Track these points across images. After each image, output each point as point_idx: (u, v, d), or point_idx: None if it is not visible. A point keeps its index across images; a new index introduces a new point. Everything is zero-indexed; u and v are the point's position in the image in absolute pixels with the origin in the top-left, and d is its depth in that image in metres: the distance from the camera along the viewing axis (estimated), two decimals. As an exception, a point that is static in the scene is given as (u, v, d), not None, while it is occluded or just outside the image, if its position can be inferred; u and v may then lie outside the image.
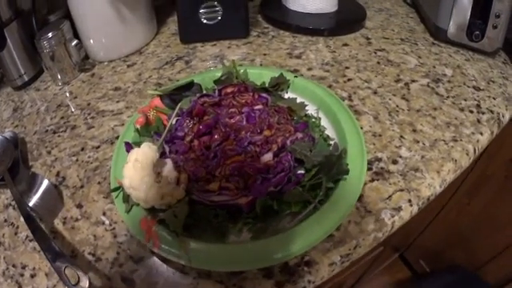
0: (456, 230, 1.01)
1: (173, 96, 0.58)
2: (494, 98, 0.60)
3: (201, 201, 0.43)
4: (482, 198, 0.89)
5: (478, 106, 0.58)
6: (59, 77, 0.77)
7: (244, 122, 0.48)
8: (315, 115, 0.53)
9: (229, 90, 0.54)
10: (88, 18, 0.76)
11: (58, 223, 0.51)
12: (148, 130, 0.54)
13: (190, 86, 0.59)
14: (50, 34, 0.73)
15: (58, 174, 0.57)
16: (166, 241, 0.41)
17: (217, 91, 0.55)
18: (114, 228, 0.49)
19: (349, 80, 0.63)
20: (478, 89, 0.61)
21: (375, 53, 0.70)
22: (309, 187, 0.43)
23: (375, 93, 0.60)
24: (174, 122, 0.52)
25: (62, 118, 0.68)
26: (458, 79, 0.63)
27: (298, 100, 0.55)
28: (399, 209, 0.45)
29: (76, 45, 0.76)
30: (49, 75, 0.79)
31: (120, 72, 0.75)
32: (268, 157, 0.44)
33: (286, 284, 0.40)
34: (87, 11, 0.75)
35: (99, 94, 0.70)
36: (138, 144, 0.52)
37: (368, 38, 0.74)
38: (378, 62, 0.67)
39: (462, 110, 0.57)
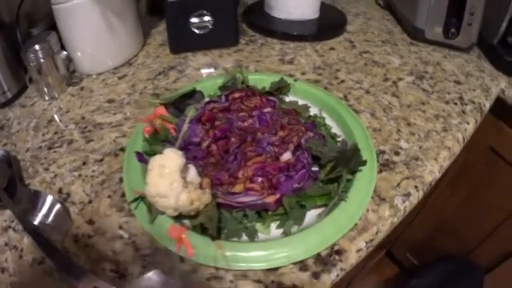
0: (442, 220, 1.06)
1: (177, 104, 0.59)
2: (474, 90, 0.66)
3: (228, 203, 0.44)
4: (465, 186, 0.94)
5: (461, 98, 0.64)
6: (46, 91, 0.75)
7: (257, 125, 0.51)
8: (319, 115, 0.56)
9: (236, 95, 0.56)
10: (75, 29, 0.75)
11: (68, 242, 0.49)
12: (156, 139, 0.55)
13: (192, 94, 0.60)
14: (36, 47, 0.71)
15: (60, 191, 0.55)
16: (201, 246, 0.42)
17: (223, 97, 0.56)
18: (134, 241, 0.48)
19: (342, 82, 0.67)
20: (458, 82, 0.67)
21: (361, 55, 0.74)
22: (326, 181, 0.46)
23: (368, 92, 0.64)
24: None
25: (56, 133, 0.66)
26: (440, 75, 0.69)
27: (300, 102, 0.58)
28: (408, 194, 0.49)
29: (66, 57, 0.75)
30: (34, 91, 0.77)
31: (111, 84, 0.75)
32: (287, 155, 0.47)
33: (322, 274, 0.42)
34: (74, 23, 0.74)
35: (93, 107, 0.70)
36: (149, 153, 0.53)
37: (351, 42, 0.79)
38: (365, 64, 0.72)
39: (447, 102, 0.63)
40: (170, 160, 0.45)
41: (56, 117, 0.70)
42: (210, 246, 0.42)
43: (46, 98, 0.75)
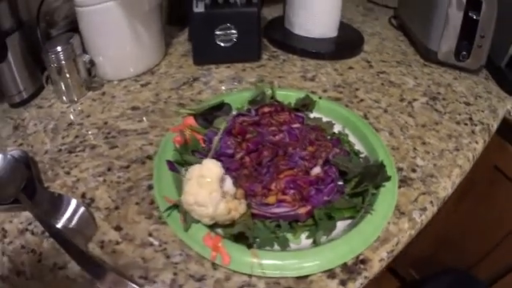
0: (444, 235, 1.08)
1: (205, 115, 0.62)
2: (483, 111, 0.70)
3: (261, 214, 0.47)
4: (469, 203, 0.97)
5: (471, 119, 0.68)
6: (65, 94, 0.75)
7: (287, 139, 0.54)
8: (342, 132, 0.60)
9: (266, 109, 0.60)
10: (99, 33, 0.76)
11: (93, 248, 0.49)
12: (186, 149, 0.57)
13: (220, 106, 0.64)
14: (58, 48, 0.71)
15: (83, 196, 0.56)
16: (237, 254, 0.44)
17: (253, 111, 0.60)
18: (165, 248, 0.48)
19: (361, 100, 0.71)
20: (468, 104, 0.72)
21: (378, 75, 0.79)
22: (352, 195, 0.50)
23: (386, 111, 0.68)
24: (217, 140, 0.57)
25: (77, 137, 0.67)
26: (451, 96, 0.73)
27: (324, 119, 0.62)
28: (425, 209, 0.52)
29: (88, 61, 0.75)
30: (51, 92, 0.77)
31: (134, 91, 0.76)
32: (317, 170, 0.50)
33: (348, 282, 0.44)
34: (98, 26, 0.75)
35: (116, 113, 0.71)
36: (179, 162, 0.56)
37: (369, 62, 0.83)
38: (382, 84, 0.76)
39: (458, 123, 0.67)
40: (209, 170, 0.47)
41: (77, 120, 0.71)
42: (247, 255, 0.44)
43: (65, 101, 0.75)
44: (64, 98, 0.75)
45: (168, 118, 0.68)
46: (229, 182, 0.49)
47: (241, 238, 0.45)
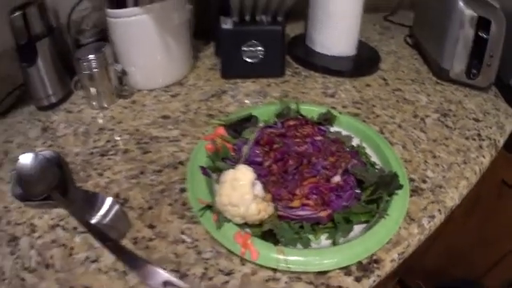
0: (453, 248, 1.11)
1: (235, 126, 0.67)
2: (490, 127, 0.75)
3: (287, 215, 0.53)
4: (477, 216, 1.01)
5: (479, 134, 0.73)
6: (96, 100, 0.77)
7: (311, 150, 0.60)
8: (360, 145, 0.65)
9: (291, 122, 0.65)
10: (130, 44, 0.79)
11: (127, 243, 0.52)
12: (218, 156, 0.62)
13: (249, 118, 0.69)
14: (91, 56, 0.73)
15: (117, 196, 0.59)
16: (265, 250, 0.49)
17: (279, 123, 0.66)
18: (196, 245, 0.52)
19: (377, 116, 0.76)
20: (477, 120, 0.77)
21: (393, 92, 0.84)
22: (367, 201, 0.55)
23: (400, 127, 0.74)
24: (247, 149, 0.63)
25: (109, 141, 0.70)
26: (461, 113, 0.78)
27: (343, 133, 0.68)
28: (433, 217, 0.57)
29: (121, 70, 0.79)
30: (79, 98, 0.80)
31: (164, 101, 0.80)
32: (337, 178, 0.56)
33: (363, 278, 0.48)
34: (130, 38, 0.78)
35: (147, 121, 0.74)
36: (211, 168, 0.61)
37: (385, 79, 0.88)
38: (397, 101, 0.81)
39: (467, 138, 0.72)
40: (243, 174, 0.52)
41: (108, 126, 0.74)
42: (273, 251, 0.48)
43: (95, 107, 0.78)
44: (94, 104, 0.78)
45: (198, 128, 0.73)
46: (259, 186, 0.53)
47: (268, 236, 0.50)
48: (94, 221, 0.55)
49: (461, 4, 0.79)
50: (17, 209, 0.59)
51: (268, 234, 0.51)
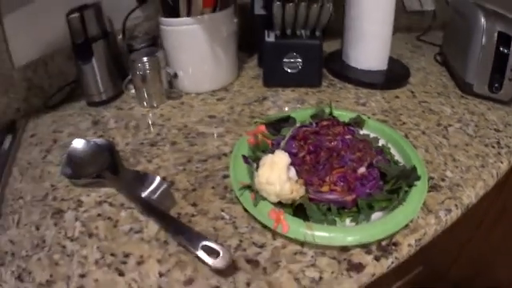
0: (478, 259, 1.13)
1: (274, 125, 0.76)
2: (511, 138, 0.79)
3: (317, 198, 0.60)
4: (502, 227, 1.03)
5: (498, 143, 0.78)
6: (146, 99, 0.84)
7: (340, 146, 0.68)
8: (385, 146, 0.73)
9: (324, 122, 0.74)
10: (181, 51, 0.86)
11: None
12: (258, 148, 0.71)
13: (287, 119, 0.78)
14: (145, 59, 0.80)
15: (164, 179, 0.64)
16: (295, 225, 0.54)
17: (314, 123, 0.74)
18: (234, 222, 0.58)
19: (403, 123, 0.83)
20: (498, 130, 0.82)
21: (420, 104, 0.90)
22: (389, 191, 0.62)
23: (424, 133, 0.80)
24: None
25: (158, 134, 0.76)
26: (482, 124, 0.84)
27: (371, 135, 0.75)
28: (450, 210, 0.61)
29: (173, 74, 0.86)
30: (130, 97, 0.87)
31: (211, 104, 0.88)
32: (362, 169, 0.64)
33: (381, 258, 0.53)
34: (181, 45, 0.85)
35: (195, 119, 0.81)
36: (251, 158, 0.69)
37: (413, 92, 0.95)
38: (423, 111, 0.88)
39: (486, 145, 0.77)
40: (280, 158, 0.60)
41: (158, 122, 0.80)
42: (302, 226, 0.54)
43: (145, 106, 0.84)
44: (145, 103, 0.85)
45: (241, 127, 0.80)
46: (293, 171, 0.62)
47: (299, 214, 0.58)
48: (143, 195, 0.61)
49: (482, 20, 0.85)
50: (64, 187, 0.66)
51: (299, 212, 0.58)
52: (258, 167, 0.62)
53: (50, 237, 0.57)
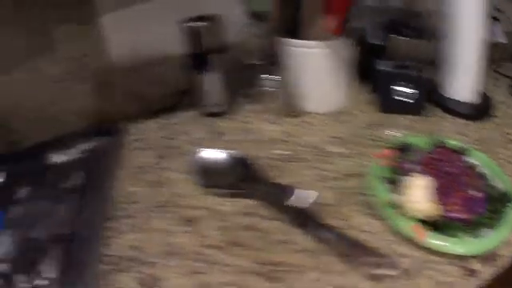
0: None
1: (398, 149, 0.95)
2: None
3: (446, 216, 0.71)
4: None
5: None
6: (267, 115, 0.89)
7: (456, 171, 0.91)
8: (483, 171, 0.92)
9: (440, 150, 0.94)
10: (305, 71, 0.90)
11: None
12: (391, 170, 0.81)
13: (409, 145, 0.90)
14: (270, 76, 0.85)
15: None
16: (436, 238, 0.67)
17: (433, 150, 0.95)
18: (375, 234, 0.66)
19: (495, 153, 0.91)
20: None
21: (506, 135, 0.99)
22: (491, 211, 0.75)
23: (510, 162, 0.88)
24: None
25: (286, 150, 0.80)
26: None
27: (472, 162, 0.95)
28: None
29: (295, 93, 0.90)
30: (248, 112, 0.91)
31: (330, 124, 0.94)
32: (475, 193, 0.86)
33: (487, 266, 0.64)
34: (305, 66, 0.90)
35: (318, 138, 0.87)
36: (388, 179, 0.79)
37: (497, 124, 1.03)
38: (510, 140, 0.95)
39: None
40: (423, 180, 0.73)
41: (281, 137, 0.84)
42: (441, 239, 0.68)
43: (265, 120, 0.89)
44: (265, 117, 0.89)
45: (365, 148, 0.88)
46: (432, 191, 0.71)
47: (434, 228, 0.69)
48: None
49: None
50: (192, 195, 0.66)
51: (435, 227, 0.70)
52: (395, 187, 0.74)
53: (182, 243, 0.58)
